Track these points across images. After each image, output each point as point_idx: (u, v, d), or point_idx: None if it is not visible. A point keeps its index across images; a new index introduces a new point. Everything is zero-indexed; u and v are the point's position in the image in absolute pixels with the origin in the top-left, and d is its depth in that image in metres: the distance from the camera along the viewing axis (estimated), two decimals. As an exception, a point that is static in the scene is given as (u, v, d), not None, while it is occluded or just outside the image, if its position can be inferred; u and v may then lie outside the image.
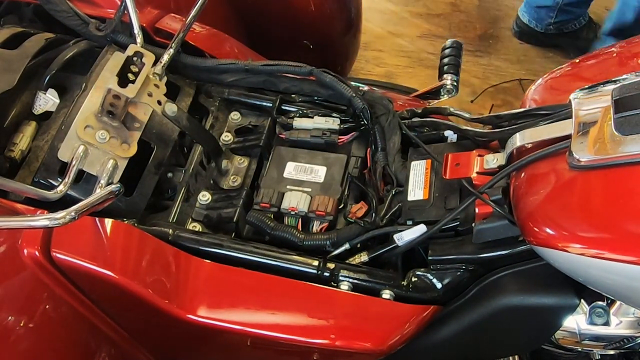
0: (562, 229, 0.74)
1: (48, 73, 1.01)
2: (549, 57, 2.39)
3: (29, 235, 0.85)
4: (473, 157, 0.92)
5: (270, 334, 0.89)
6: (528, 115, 0.91)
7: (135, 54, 0.93)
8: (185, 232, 0.95)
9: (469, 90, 2.29)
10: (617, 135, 0.72)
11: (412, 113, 1.09)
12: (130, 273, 0.86)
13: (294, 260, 0.93)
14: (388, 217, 0.97)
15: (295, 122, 1.08)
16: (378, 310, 0.90)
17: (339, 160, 1.04)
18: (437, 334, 0.94)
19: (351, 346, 0.88)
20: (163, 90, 0.98)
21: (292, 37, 1.54)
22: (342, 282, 0.92)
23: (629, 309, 0.88)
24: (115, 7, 1.09)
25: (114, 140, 0.92)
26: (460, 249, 0.91)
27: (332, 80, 1.07)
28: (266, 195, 0.98)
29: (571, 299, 0.85)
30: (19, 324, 0.88)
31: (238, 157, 1.08)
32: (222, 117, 1.13)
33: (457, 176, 0.92)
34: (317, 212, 0.96)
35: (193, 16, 1.08)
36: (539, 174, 0.79)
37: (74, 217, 0.79)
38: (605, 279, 0.74)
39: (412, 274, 0.93)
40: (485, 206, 0.85)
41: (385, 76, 2.34)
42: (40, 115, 1.01)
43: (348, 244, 0.95)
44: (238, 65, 1.11)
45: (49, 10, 1.09)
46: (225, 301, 0.90)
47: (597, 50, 0.99)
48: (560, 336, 0.93)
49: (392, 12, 2.55)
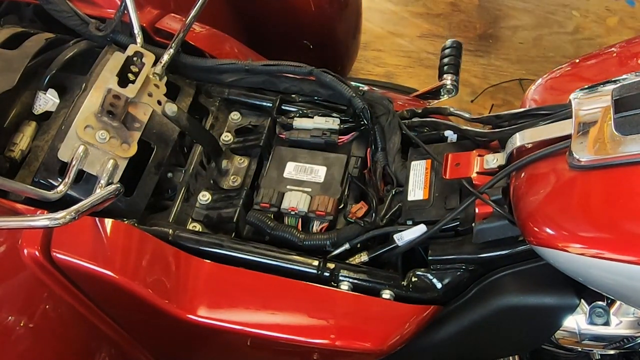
0: (562, 229, 0.74)
1: (48, 73, 1.01)
2: (549, 57, 2.39)
3: (29, 235, 0.85)
4: (473, 157, 0.92)
5: (270, 334, 0.89)
6: (528, 115, 0.91)
7: (135, 54, 0.93)
8: (185, 232, 0.95)
9: (469, 90, 2.29)
10: (617, 135, 0.72)
11: (412, 113, 1.09)
12: (130, 273, 0.86)
13: (294, 260, 0.93)
14: (388, 217, 0.97)
15: (295, 122, 1.08)
16: (378, 310, 0.90)
17: (339, 160, 1.04)
18: (437, 334, 0.94)
19: (351, 346, 0.88)
20: (163, 90, 0.98)
21: (292, 37, 1.54)
22: (342, 282, 0.92)
23: (629, 308, 0.88)
24: (115, 7, 1.09)
25: (114, 140, 0.92)
26: (460, 249, 0.91)
27: (332, 80, 1.07)
28: (266, 195, 0.98)
29: (571, 299, 0.85)
30: (19, 324, 0.88)
31: (238, 157, 1.08)
32: (222, 117, 1.13)
33: (457, 176, 0.92)
34: (317, 212, 0.96)
35: (193, 16, 1.08)
36: (539, 174, 0.79)
37: (74, 217, 0.79)
38: (605, 278, 0.74)
39: (412, 274, 0.93)
40: (485, 206, 0.85)
41: (385, 76, 2.34)
42: (40, 115, 1.01)
43: (348, 244, 0.95)
44: (238, 65, 1.11)
45: (49, 11, 1.09)
46: (225, 301, 0.90)
47: (597, 50, 0.99)
48: (560, 336, 0.93)
49: (392, 12, 2.55)
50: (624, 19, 2.47)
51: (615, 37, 2.40)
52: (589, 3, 2.50)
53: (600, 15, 2.42)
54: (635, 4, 2.49)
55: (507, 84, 2.31)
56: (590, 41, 2.42)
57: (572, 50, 2.39)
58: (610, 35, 2.42)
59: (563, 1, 2.51)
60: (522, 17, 2.49)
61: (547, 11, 2.51)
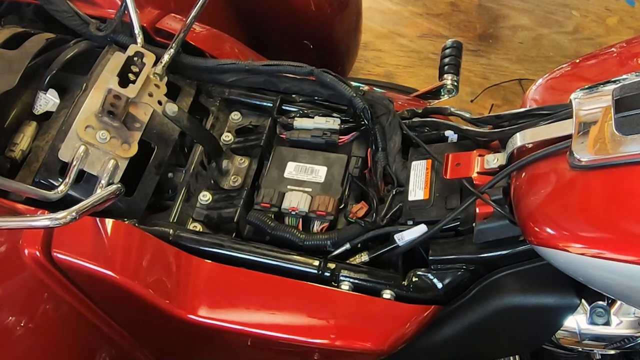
0: (562, 229, 0.74)
1: (48, 73, 1.01)
2: (549, 57, 2.39)
3: (29, 236, 0.85)
4: (474, 157, 0.92)
5: (270, 334, 0.89)
6: (528, 115, 0.91)
7: (136, 54, 0.93)
8: (185, 232, 0.95)
9: (469, 90, 2.29)
10: (617, 135, 0.72)
11: (413, 113, 1.09)
12: (130, 273, 0.86)
13: (295, 260, 0.93)
14: (389, 217, 0.97)
15: (296, 122, 1.08)
16: (378, 310, 0.90)
17: (340, 160, 1.04)
18: (437, 334, 0.94)
19: (351, 346, 0.88)
20: (163, 90, 0.98)
21: (292, 37, 1.54)
22: (342, 282, 0.92)
23: (630, 308, 0.88)
24: (115, 7, 1.10)
25: (115, 141, 0.92)
26: (460, 249, 0.91)
27: (333, 80, 1.07)
28: (267, 195, 0.98)
29: (572, 299, 0.85)
30: (19, 324, 0.88)
31: (238, 157, 1.08)
32: (222, 117, 1.13)
33: (458, 176, 0.92)
34: (318, 212, 0.96)
35: (193, 16, 1.08)
36: (539, 173, 0.79)
37: (74, 217, 0.79)
38: (606, 278, 0.74)
39: (413, 273, 0.93)
40: (486, 206, 0.85)
41: (385, 76, 2.34)
42: (40, 115, 1.01)
43: (349, 244, 0.95)
44: (238, 65, 1.11)
45: (50, 11, 1.10)
46: (226, 301, 0.90)
47: (597, 50, 0.99)
48: (561, 336, 0.93)
49: (392, 12, 2.55)
50: (624, 19, 2.47)
51: (615, 37, 2.40)
52: (589, 3, 2.50)
53: (600, 15, 2.42)
54: (635, 3, 2.49)
55: (507, 83, 2.31)
56: (590, 41, 2.42)
57: (572, 50, 2.39)
58: (610, 35, 2.42)
59: (563, 1, 2.51)
60: (522, 17, 2.49)
61: (547, 11, 2.51)
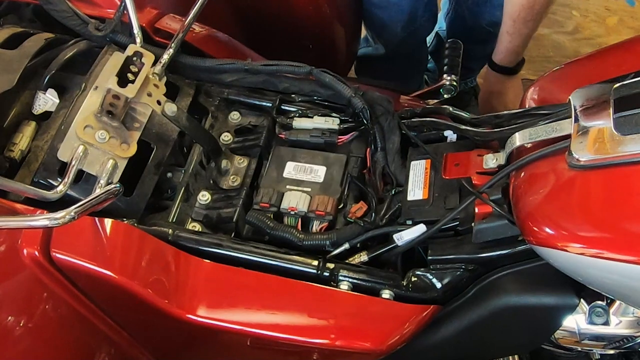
0: (561, 229, 0.74)
1: (47, 73, 1.01)
2: (549, 57, 2.39)
3: (28, 235, 0.85)
4: (473, 157, 0.92)
5: (270, 334, 0.89)
6: (528, 114, 0.91)
7: (135, 54, 0.93)
8: (184, 232, 0.95)
9: (469, 90, 2.28)
10: (616, 134, 0.72)
11: (412, 113, 1.09)
12: (129, 273, 0.86)
13: (294, 260, 0.93)
14: (388, 217, 0.97)
15: (295, 122, 1.08)
16: (378, 310, 0.90)
17: (339, 160, 1.04)
18: (436, 333, 0.94)
19: (351, 346, 0.88)
20: (163, 90, 0.98)
21: (292, 37, 1.54)
22: (341, 282, 0.92)
23: (629, 308, 0.88)
24: (114, 7, 1.09)
25: (114, 140, 0.92)
26: (459, 248, 0.91)
27: (332, 80, 1.07)
28: (266, 195, 0.98)
29: (571, 299, 0.85)
30: (18, 324, 0.88)
31: (238, 157, 1.08)
32: (221, 117, 1.13)
33: (457, 176, 0.92)
34: (317, 212, 0.96)
35: (193, 16, 1.08)
36: (538, 173, 0.79)
37: (73, 217, 0.79)
38: (605, 278, 0.74)
39: (412, 273, 0.93)
40: (485, 206, 0.85)
41: (385, 76, 2.33)
42: (39, 115, 1.01)
43: (348, 243, 0.95)
44: (237, 65, 1.11)
45: (49, 11, 1.09)
46: (225, 301, 0.90)
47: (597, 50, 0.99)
48: (560, 336, 0.93)
49: (392, 12, 2.54)
50: (624, 19, 2.47)
51: (615, 37, 2.40)
52: (589, 3, 2.50)
53: (600, 15, 2.42)
54: (635, 3, 2.49)
55: (507, 83, 2.30)
56: (590, 41, 2.41)
57: (572, 50, 2.39)
58: (610, 35, 2.42)
59: (563, 1, 2.51)
60: (522, 17, 2.49)
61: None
